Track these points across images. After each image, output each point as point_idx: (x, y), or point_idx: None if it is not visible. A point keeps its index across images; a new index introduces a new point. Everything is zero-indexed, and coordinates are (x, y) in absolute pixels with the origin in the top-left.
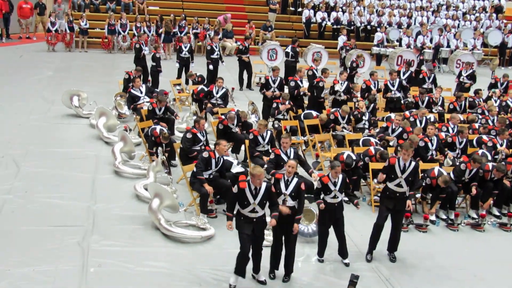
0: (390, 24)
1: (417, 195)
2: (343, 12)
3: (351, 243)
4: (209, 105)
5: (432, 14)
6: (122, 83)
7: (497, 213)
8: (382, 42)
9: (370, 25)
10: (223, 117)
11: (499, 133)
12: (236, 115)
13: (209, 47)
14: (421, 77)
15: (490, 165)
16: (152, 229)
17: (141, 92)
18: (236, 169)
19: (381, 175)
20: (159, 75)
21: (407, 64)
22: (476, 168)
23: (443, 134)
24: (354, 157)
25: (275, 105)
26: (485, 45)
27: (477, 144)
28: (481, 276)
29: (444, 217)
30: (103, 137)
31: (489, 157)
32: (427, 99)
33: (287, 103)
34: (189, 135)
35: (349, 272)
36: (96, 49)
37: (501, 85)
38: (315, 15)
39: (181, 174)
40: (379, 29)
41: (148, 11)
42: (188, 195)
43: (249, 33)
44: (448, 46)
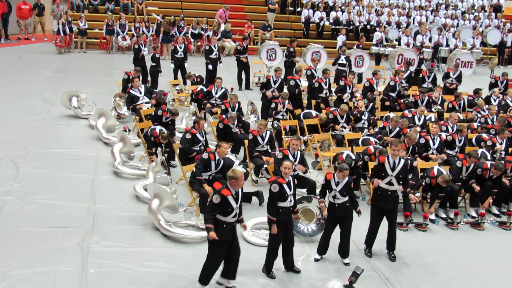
0: (389, 23)
1: (417, 194)
2: (342, 12)
3: (351, 242)
4: (208, 105)
5: (431, 13)
6: (121, 83)
7: (496, 212)
8: (381, 42)
9: (370, 25)
10: (223, 116)
11: (498, 132)
12: (236, 115)
13: (207, 47)
14: (420, 76)
15: (489, 163)
16: (152, 230)
17: (140, 93)
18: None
19: (376, 181)
20: (159, 75)
21: (406, 63)
22: (472, 164)
23: (443, 135)
24: (353, 157)
25: (273, 105)
26: (484, 44)
27: (476, 142)
28: (481, 274)
29: (444, 216)
30: (102, 138)
31: (488, 156)
32: (426, 99)
33: (286, 102)
34: (188, 136)
35: (349, 271)
36: (95, 49)
37: (501, 83)
38: (314, 14)
39: (180, 174)
40: (378, 28)
41: (147, 11)
42: (188, 195)
43: (248, 33)
44: (447, 45)
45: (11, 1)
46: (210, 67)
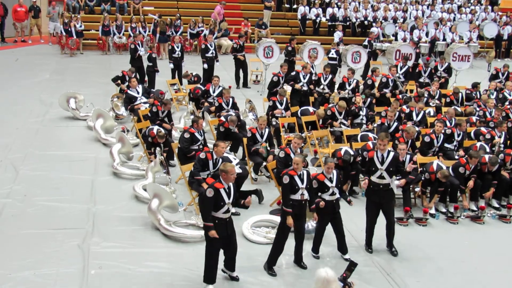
0: (385, 18)
1: (416, 189)
2: (338, 8)
3: (351, 238)
4: (206, 104)
5: (428, 8)
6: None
7: (496, 205)
8: (378, 37)
9: (366, 20)
10: (223, 120)
11: (497, 125)
12: (237, 119)
13: (203, 46)
14: (417, 71)
15: (487, 157)
16: (152, 230)
17: (138, 93)
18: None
19: (364, 183)
20: (156, 75)
21: (404, 58)
22: (473, 165)
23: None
24: (352, 153)
25: (271, 103)
26: (481, 37)
27: (475, 136)
28: (482, 268)
29: (444, 210)
30: (101, 138)
31: (487, 149)
32: (426, 94)
33: (284, 99)
34: (186, 135)
35: None
36: (92, 50)
37: (502, 75)
38: (310, 11)
39: (179, 174)
40: (374, 24)
41: (143, 11)
42: (187, 194)
43: (244, 31)
44: (444, 39)
45: (7, 4)
46: (205, 66)
